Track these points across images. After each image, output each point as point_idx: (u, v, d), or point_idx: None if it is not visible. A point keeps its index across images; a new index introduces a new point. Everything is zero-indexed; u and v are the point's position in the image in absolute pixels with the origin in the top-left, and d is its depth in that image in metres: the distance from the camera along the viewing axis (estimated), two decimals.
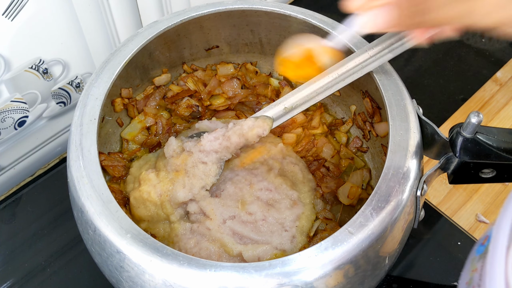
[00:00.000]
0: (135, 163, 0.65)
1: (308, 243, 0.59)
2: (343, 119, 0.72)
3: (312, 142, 0.69)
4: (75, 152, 0.51)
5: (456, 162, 0.52)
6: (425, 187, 0.51)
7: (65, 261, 0.68)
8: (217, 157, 0.60)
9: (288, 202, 0.61)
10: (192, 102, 0.71)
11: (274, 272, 0.43)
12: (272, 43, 0.70)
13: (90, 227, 0.47)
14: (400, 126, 0.52)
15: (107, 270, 0.48)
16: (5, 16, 0.61)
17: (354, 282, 0.47)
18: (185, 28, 0.65)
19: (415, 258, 0.68)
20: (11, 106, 0.69)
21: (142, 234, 0.46)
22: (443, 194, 0.75)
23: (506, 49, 0.93)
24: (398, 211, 0.48)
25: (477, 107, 0.84)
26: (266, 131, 0.59)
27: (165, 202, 0.58)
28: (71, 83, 0.75)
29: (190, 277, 0.43)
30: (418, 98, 0.58)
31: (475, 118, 0.48)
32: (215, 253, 0.56)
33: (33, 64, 0.68)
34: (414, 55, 0.92)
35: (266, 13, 0.64)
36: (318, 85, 0.58)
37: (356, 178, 0.65)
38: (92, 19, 0.70)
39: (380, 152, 0.65)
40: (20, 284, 0.66)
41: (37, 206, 0.73)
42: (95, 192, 0.48)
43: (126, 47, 0.59)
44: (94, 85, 0.56)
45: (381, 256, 0.48)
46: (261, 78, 0.72)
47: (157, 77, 0.70)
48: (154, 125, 0.69)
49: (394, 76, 0.56)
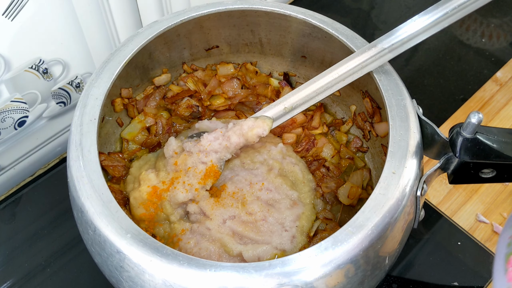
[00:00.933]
0: (135, 163, 0.65)
1: (308, 243, 0.59)
2: (343, 119, 0.72)
3: (312, 142, 0.69)
4: (75, 152, 0.51)
5: (456, 162, 0.52)
6: (425, 187, 0.51)
7: (65, 261, 0.68)
8: (217, 157, 0.60)
9: (288, 202, 0.61)
10: (192, 102, 0.71)
11: (274, 272, 0.43)
12: (272, 43, 0.70)
13: (90, 227, 0.47)
14: (400, 126, 0.52)
15: (107, 270, 0.48)
16: (5, 16, 0.61)
17: (354, 282, 0.47)
18: (185, 28, 0.65)
19: (415, 258, 0.68)
20: (11, 106, 0.69)
21: (142, 234, 0.46)
22: (443, 194, 0.75)
23: (506, 49, 0.93)
24: (398, 211, 0.48)
25: (477, 107, 0.84)
26: (266, 131, 0.59)
27: (165, 202, 0.58)
28: (71, 83, 0.75)
29: (190, 277, 0.43)
30: (418, 98, 0.58)
31: (475, 118, 0.48)
32: (215, 253, 0.55)
33: (33, 64, 0.68)
34: (414, 55, 0.92)
35: (266, 13, 0.64)
36: (318, 85, 0.58)
37: (356, 178, 0.65)
38: (92, 19, 0.70)
39: (380, 152, 0.65)
40: (20, 284, 0.66)
41: (37, 206, 0.73)
42: (95, 192, 0.48)
43: (126, 47, 0.59)
44: (94, 85, 0.56)
45: (381, 256, 0.48)
46: (261, 78, 0.73)
47: (157, 77, 0.70)
48: (154, 125, 0.69)
49: (394, 76, 0.56)
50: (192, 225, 0.58)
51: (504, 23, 0.96)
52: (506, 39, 0.94)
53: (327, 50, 0.66)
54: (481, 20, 0.97)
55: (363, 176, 0.66)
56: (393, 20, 0.98)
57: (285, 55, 0.72)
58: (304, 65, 0.72)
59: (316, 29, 0.63)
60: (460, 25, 0.96)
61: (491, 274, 0.66)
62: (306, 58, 0.70)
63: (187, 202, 0.59)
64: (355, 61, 0.57)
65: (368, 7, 1.00)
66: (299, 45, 0.69)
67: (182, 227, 0.58)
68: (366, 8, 1.00)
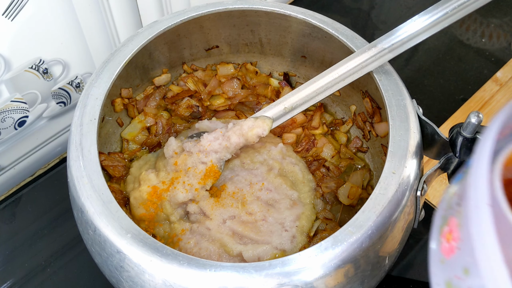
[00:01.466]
0: (135, 163, 0.65)
1: (308, 243, 0.59)
2: (343, 119, 0.72)
3: (312, 142, 0.69)
4: (75, 152, 0.51)
5: (456, 162, 0.52)
6: (425, 187, 0.51)
7: (65, 261, 0.68)
8: (217, 157, 0.60)
9: (288, 202, 0.61)
10: (192, 102, 0.71)
11: (274, 272, 0.43)
12: (272, 43, 0.70)
13: (90, 227, 0.47)
14: (400, 126, 0.52)
15: (107, 270, 0.48)
16: (5, 16, 0.61)
17: (354, 282, 0.47)
18: (185, 28, 0.65)
19: (415, 258, 0.68)
20: (11, 106, 0.69)
21: (142, 234, 0.46)
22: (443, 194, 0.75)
23: (506, 49, 0.93)
24: (398, 211, 0.48)
25: (477, 107, 0.84)
26: (265, 131, 0.59)
27: (165, 202, 0.58)
28: (71, 83, 0.75)
29: (190, 277, 0.43)
30: (418, 98, 0.58)
31: (475, 118, 0.48)
32: (215, 253, 0.55)
33: (33, 64, 0.68)
34: (414, 55, 0.92)
35: (266, 13, 0.64)
36: (318, 85, 0.58)
37: (356, 178, 0.65)
38: (92, 19, 0.70)
39: (380, 152, 0.65)
40: (20, 284, 0.66)
41: (37, 206, 0.73)
42: (95, 192, 0.48)
43: (126, 47, 0.59)
44: (94, 85, 0.56)
45: (381, 256, 0.48)
46: (261, 78, 0.73)
47: (157, 77, 0.70)
48: (154, 125, 0.69)
49: (394, 76, 0.56)
50: (192, 225, 0.58)
51: (504, 23, 0.96)
52: (506, 39, 0.94)
53: (327, 50, 0.66)
54: (481, 20, 0.97)
55: (363, 176, 0.66)
56: (393, 20, 0.98)
57: (285, 55, 0.72)
58: (304, 65, 0.72)
59: (316, 29, 0.63)
60: (460, 25, 0.96)
61: None
62: (306, 58, 0.70)
63: (187, 202, 0.59)
64: (355, 61, 0.57)
65: (368, 7, 1.01)
66: (299, 45, 0.69)
67: (182, 227, 0.58)
68: (366, 8, 1.00)
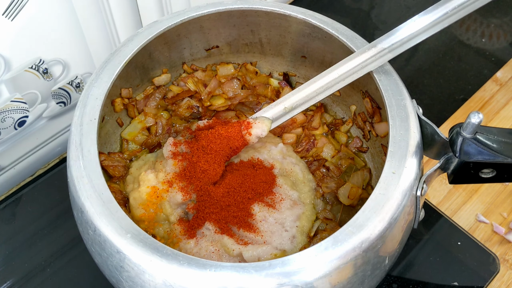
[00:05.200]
0: (134, 163, 0.65)
1: (308, 243, 0.59)
2: (343, 119, 0.72)
3: (312, 142, 0.69)
4: (75, 152, 0.51)
5: (456, 162, 0.52)
6: (425, 187, 0.51)
7: (65, 261, 0.68)
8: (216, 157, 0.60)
9: (288, 202, 0.61)
10: (192, 102, 0.71)
11: (274, 272, 0.43)
12: (272, 43, 0.70)
13: (90, 227, 0.47)
14: (400, 126, 0.52)
15: (107, 270, 0.48)
16: (5, 16, 0.61)
17: (354, 282, 0.47)
18: (185, 28, 0.65)
19: (415, 258, 0.68)
20: (11, 106, 0.69)
21: (142, 234, 0.46)
22: (443, 194, 0.75)
23: (506, 49, 0.93)
24: (398, 211, 0.48)
25: (477, 107, 0.84)
26: (265, 132, 0.59)
27: (164, 202, 0.58)
28: (71, 83, 0.75)
29: (190, 277, 0.43)
30: (418, 98, 0.58)
31: (475, 118, 0.48)
32: (215, 253, 0.55)
33: (33, 64, 0.68)
34: (414, 55, 0.92)
35: (266, 13, 0.64)
36: (318, 85, 0.58)
37: (356, 178, 0.65)
38: (92, 19, 0.70)
39: (380, 152, 0.65)
40: (20, 284, 0.66)
41: (37, 206, 0.73)
42: (95, 192, 0.48)
43: (126, 47, 0.59)
44: (94, 85, 0.56)
45: (381, 256, 0.48)
46: (261, 78, 0.73)
47: (157, 77, 0.70)
48: (154, 125, 0.69)
49: (394, 76, 0.56)
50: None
51: (504, 23, 0.96)
52: (506, 39, 0.94)
53: (327, 50, 0.66)
54: (481, 20, 0.97)
55: (364, 176, 0.66)
56: (393, 20, 0.98)
57: (285, 55, 0.72)
58: (304, 65, 0.72)
59: (316, 29, 0.63)
60: (460, 25, 0.96)
61: (491, 274, 0.66)
62: (306, 58, 0.70)
63: (187, 202, 0.59)
64: (355, 61, 0.57)
65: (368, 7, 1.01)
66: (299, 45, 0.69)
67: (182, 227, 0.58)
68: (366, 8, 1.00)
